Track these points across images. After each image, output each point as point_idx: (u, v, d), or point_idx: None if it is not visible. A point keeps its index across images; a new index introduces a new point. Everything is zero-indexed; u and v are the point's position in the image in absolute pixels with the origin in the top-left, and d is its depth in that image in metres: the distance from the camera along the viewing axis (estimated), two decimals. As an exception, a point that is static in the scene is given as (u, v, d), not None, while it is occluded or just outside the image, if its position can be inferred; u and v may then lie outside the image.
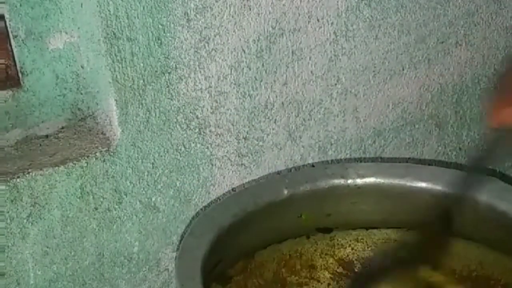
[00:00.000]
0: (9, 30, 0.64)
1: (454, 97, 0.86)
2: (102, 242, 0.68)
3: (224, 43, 0.67)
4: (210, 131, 0.70)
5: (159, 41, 0.64)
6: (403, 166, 0.70)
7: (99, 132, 0.68)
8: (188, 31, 0.65)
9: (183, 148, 0.69)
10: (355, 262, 0.72)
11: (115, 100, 0.64)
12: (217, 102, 0.69)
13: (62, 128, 0.69)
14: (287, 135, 0.75)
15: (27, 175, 0.62)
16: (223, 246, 0.61)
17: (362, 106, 0.79)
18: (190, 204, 0.72)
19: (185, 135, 0.69)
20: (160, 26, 0.63)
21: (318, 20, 0.72)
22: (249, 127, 0.72)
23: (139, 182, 0.68)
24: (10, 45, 0.65)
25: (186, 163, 0.70)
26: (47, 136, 0.68)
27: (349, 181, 0.68)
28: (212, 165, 0.72)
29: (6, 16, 0.64)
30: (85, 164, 0.64)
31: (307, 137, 0.77)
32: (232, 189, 0.74)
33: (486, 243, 0.66)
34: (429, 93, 0.83)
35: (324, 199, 0.68)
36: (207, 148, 0.71)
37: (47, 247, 0.65)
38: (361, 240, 0.71)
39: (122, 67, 0.63)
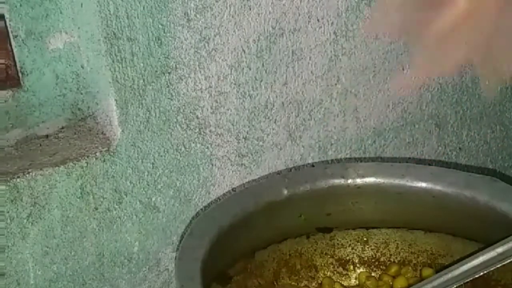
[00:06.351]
0: (9, 30, 0.64)
1: (454, 97, 0.86)
2: (102, 242, 0.68)
3: (224, 43, 0.67)
4: (210, 131, 0.70)
5: (159, 41, 0.64)
6: (403, 166, 0.69)
7: (99, 132, 0.68)
8: (188, 31, 0.65)
9: (183, 148, 0.69)
10: (355, 261, 0.72)
11: (115, 100, 0.64)
12: (217, 102, 0.69)
13: (62, 128, 0.69)
14: (287, 135, 0.75)
15: (27, 175, 0.62)
16: (223, 246, 0.61)
17: (362, 106, 0.79)
18: (190, 204, 0.72)
19: (185, 135, 0.69)
20: (160, 26, 0.63)
21: (318, 20, 0.72)
22: (249, 127, 0.72)
23: (139, 182, 0.68)
24: (10, 45, 0.65)
25: (186, 163, 0.70)
26: (47, 136, 0.68)
27: (349, 181, 0.68)
28: (212, 165, 0.72)
29: (6, 16, 0.64)
30: (85, 164, 0.64)
31: (307, 137, 0.77)
32: (232, 189, 0.74)
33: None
34: (429, 93, 0.83)
35: (324, 199, 0.68)
36: (207, 148, 0.71)
37: (47, 247, 0.65)
38: (361, 240, 0.71)
39: (122, 67, 0.63)
